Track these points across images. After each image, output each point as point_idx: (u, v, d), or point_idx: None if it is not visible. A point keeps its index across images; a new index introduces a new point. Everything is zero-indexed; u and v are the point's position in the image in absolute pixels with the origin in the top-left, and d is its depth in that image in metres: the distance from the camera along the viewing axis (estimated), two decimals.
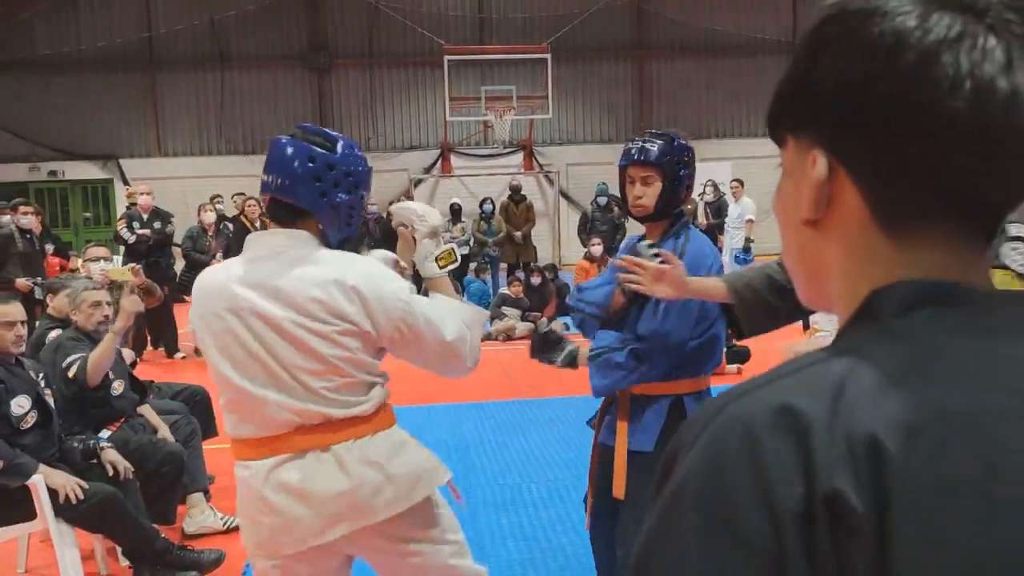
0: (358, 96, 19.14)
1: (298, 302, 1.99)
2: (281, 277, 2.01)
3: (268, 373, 2.01)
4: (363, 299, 2.00)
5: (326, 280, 1.99)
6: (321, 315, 1.99)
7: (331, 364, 2.00)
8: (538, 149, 19.11)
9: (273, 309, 2.00)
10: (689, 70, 19.52)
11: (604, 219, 12.53)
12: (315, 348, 1.99)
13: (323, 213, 2.08)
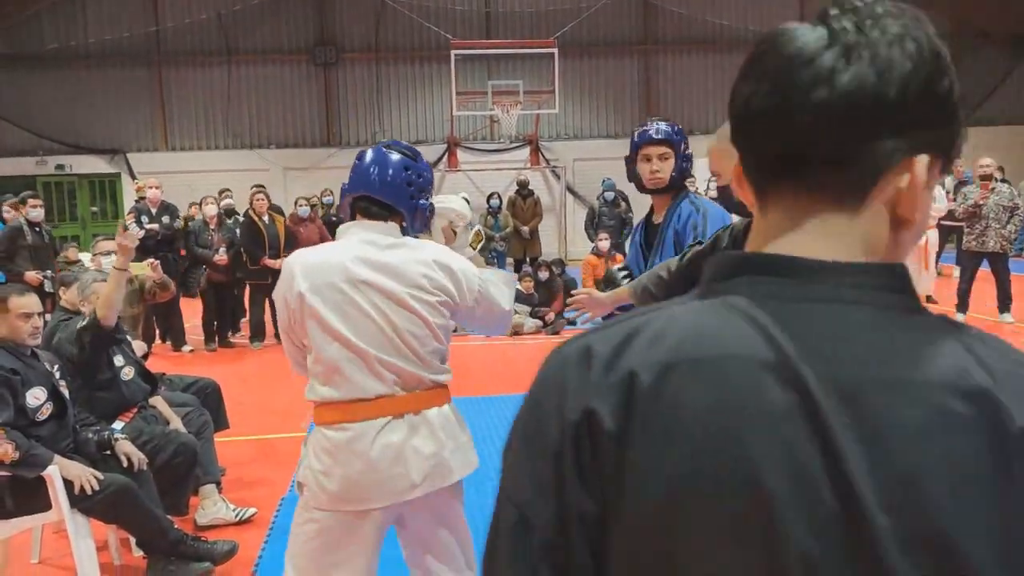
0: (364, 90, 19.13)
1: (410, 277, 2.38)
2: (390, 257, 2.40)
3: (384, 337, 2.36)
4: (454, 275, 2.43)
5: (427, 259, 2.41)
6: (429, 287, 2.39)
7: (434, 331, 2.42)
8: (544, 144, 19.09)
9: (389, 283, 2.37)
10: (695, 65, 19.48)
11: (611, 214, 12.52)
12: (425, 316, 2.39)
13: (410, 213, 2.51)
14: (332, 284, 2.37)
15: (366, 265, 2.38)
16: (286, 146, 18.94)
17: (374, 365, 2.35)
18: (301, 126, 19.10)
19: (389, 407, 2.38)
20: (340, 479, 2.37)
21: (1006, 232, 9.41)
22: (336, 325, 2.35)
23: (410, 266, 2.39)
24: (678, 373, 0.69)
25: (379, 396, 2.36)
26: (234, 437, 5.77)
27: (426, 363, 2.40)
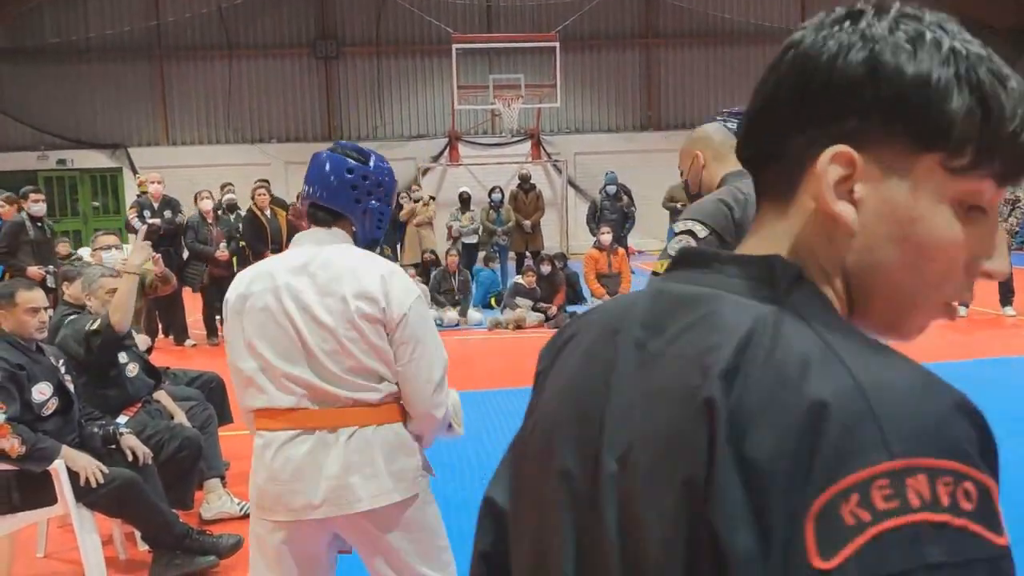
0: (366, 84, 19.12)
1: (331, 287, 2.24)
2: (318, 266, 2.28)
3: (295, 349, 2.24)
4: (387, 287, 2.25)
5: (358, 268, 2.27)
6: (350, 299, 2.22)
7: (345, 347, 2.22)
8: (546, 138, 19.08)
9: (307, 293, 2.24)
10: (697, 58, 19.45)
11: (613, 208, 12.51)
12: (335, 330, 2.22)
13: (357, 217, 2.39)
14: (257, 293, 2.30)
15: (291, 273, 2.29)
16: (287, 140, 18.93)
17: (280, 380, 2.26)
18: (302, 120, 19.09)
19: (300, 420, 2.25)
20: (252, 485, 2.33)
21: (1007, 225, 9.41)
22: (250, 335, 2.29)
23: (334, 273, 2.26)
24: (577, 331, 0.88)
25: (290, 408, 2.25)
26: (238, 431, 5.77)
27: (341, 380, 2.24)
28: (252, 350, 2.28)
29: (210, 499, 4.37)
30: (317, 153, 2.48)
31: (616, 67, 19.44)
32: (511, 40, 17.67)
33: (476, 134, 19.22)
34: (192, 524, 4.03)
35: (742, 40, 19.38)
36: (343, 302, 2.22)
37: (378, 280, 2.25)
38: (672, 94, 19.57)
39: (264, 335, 2.27)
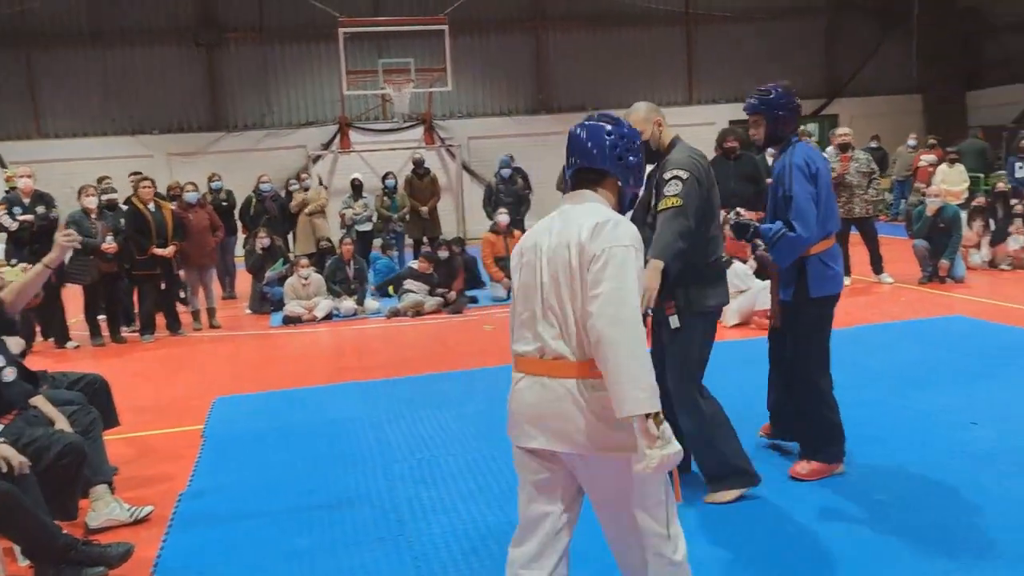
0: (251, 71, 18.55)
1: (569, 241, 2.51)
2: (561, 224, 2.58)
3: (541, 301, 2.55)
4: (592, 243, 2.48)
5: (588, 223, 2.49)
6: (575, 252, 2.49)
7: (571, 298, 2.50)
8: (439, 123, 18.94)
9: (554, 249, 2.54)
10: (586, 41, 19.62)
11: (508, 191, 12.51)
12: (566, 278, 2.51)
13: (621, 172, 2.66)
14: (522, 249, 2.66)
15: (547, 233, 2.59)
16: (170, 131, 18.21)
17: (532, 328, 2.57)
18: (185, 110, 18.38)
19: (533, 367, 2.54)
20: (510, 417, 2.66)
21: (868, 196, 9.85)
22: (515, 287, 2.65)
23: (572, 229, 2.51)
24: None
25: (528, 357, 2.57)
26: (128, 434, 5.55)
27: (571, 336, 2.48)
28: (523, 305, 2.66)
29: (97, 507, 4.17)
30: (575, 126, 2.71)
31: (507, 50, 19.42)
32: (400, 24, 17.43)
33: (367, 120, 18.91)
34: (78, 535, 3.83)
35: (629, 22, 19.64)
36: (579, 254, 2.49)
37: (594, 228, 2.47)
38: (563, 77, 19.68)
39: (529, 292, 2.65)
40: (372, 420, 5.78)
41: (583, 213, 2.53)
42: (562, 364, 2.49)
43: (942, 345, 7.04)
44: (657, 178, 3.98)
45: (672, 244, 3.78)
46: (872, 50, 20.53)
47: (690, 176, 3.84)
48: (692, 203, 3.83)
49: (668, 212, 3.81)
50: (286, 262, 10.78)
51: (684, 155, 3.96)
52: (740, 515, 3.95)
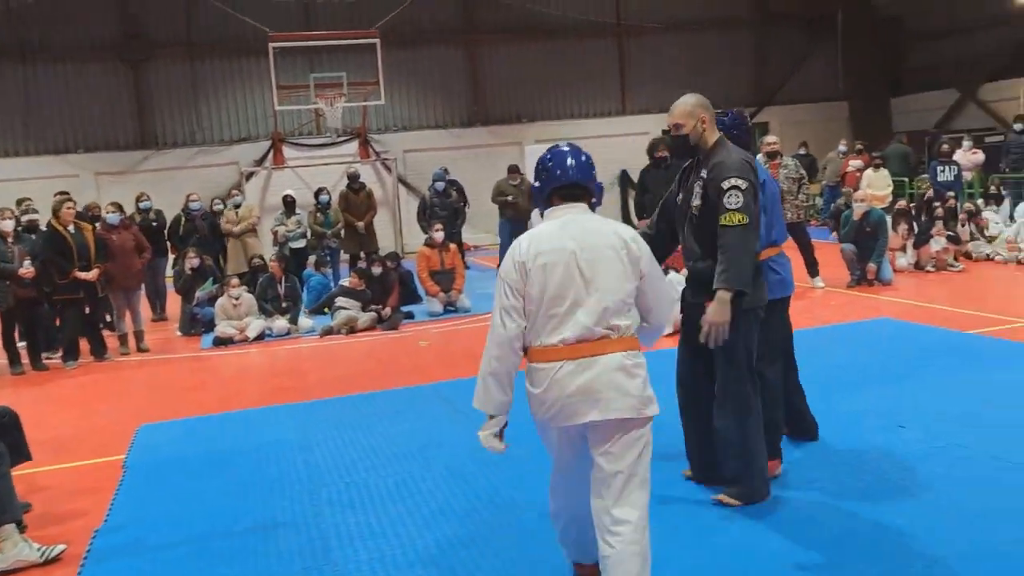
0: (180, 87, 18.17)
1: (614, 242, 3.05)
2: (590, 229, 3.08)
3: (590, 294, 2.98)
4: (641, 249, 3.10)
5: (625, 231, 3.12)
6: (620, 251, 3.04)
7: (625, 287, 3.04)
8: (374, 136, 18.78)
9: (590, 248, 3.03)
10: (520, 53, 19.66)
11: (443, 204, 12.45)
12: (620, 272, 3.02)
13: (595, 189, 3.22)
14: (548, 253, 3.02)
15: (568, 239, 3.05)
16: (96, 149, 17.71)
17: (576, 318, 3.03)
18: (112, 128, 17.91)
19: (581, 351, 3.01)
20: (546, 406, 3.08)
21: (798, 202, 10.03)
22: (553, 286, 3.03)
23: (605, 234, 3.08)
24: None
25: (574, 344, 3.01)
26: (43, 468, 5.33)
27: (613, 316, 3.04)
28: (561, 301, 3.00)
29: (4, 547, 3.97)
30: (552, 148, 3.25)
31: (440, 63, 19.37)
32: (331, 38, 17.24)
33: (301, 135, 18.67)
34: None
35: (561, 34, 19.75)
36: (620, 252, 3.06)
37: (627, 239, 3.08)
38: (497, 89, 19.69)
39: (571, 287, 3.00)
40: (301, 443, 5.65)
41: (599, 221, 3.13)
42: (606, 343, 2.96)
43: (870, 348, 7.16)
44: (705, 179, 3.93)
45: (747, 270, 3.81)
46: (799, 59, 20.98)
47: (748, 185, 3.84)
48: (753, 214, 3.86)
49: (736, 231, 3.79)
50: (216, 282, 10.54)
51: (737, 159, 3.92)
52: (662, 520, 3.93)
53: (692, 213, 4.02)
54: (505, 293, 3.02)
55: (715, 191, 3.87)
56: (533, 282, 2.98)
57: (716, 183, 3.87)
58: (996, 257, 11.38)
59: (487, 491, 4.52)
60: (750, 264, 3.85)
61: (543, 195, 3.19)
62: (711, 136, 4.02)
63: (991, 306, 8.71)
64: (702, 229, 3.97)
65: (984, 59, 18.35)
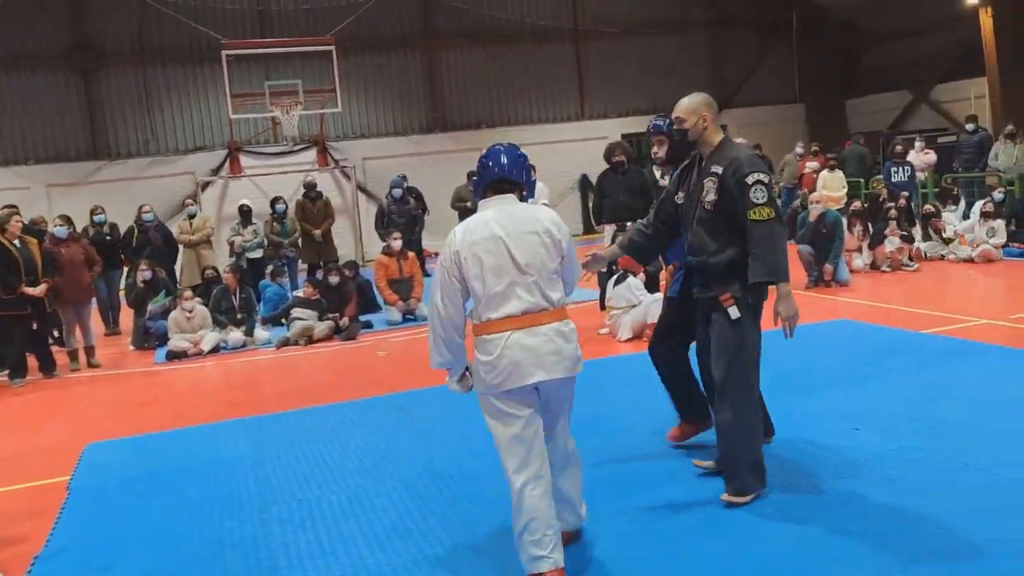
0: (132, 97, 17.87)
1: (536, 228, 3.49)
2: (517, 217, 3.50)
3: (522, 274, 3.43)
4: (562, 233, 3.57)
5: (547, 218, 3.57)
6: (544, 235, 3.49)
7: (549, 267, 3.48)
8: (332, 144, 18.62)
9: (517, 234, 3.46)
10: (478, 58, 19.63)
11: (401, 212, 12.33)
12: (544, 254, 3.46)
13: (527, 184, 3.67)
14: (478, 241, 3.48)
15: (496, 225, 3.48)
16: (47, 161, 17.35)
17: (511, 295, 3.46)
18: (63, 138, 17.55)
19: (523, 322, 3.45)
20: (493, 372, 3.47)
21: None
22: (487, 272, 3.46)
23: (531, 220, 3.51)
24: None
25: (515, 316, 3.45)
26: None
27: (545, 290, 3.50)
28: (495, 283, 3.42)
29: None
30: (491, 147, 3.67)
31: (398, 69, 19.25)
32: (286, 45, 17.06)
33: (258, 144, 18.45)
34: None
35: (519, 39, 19.74)
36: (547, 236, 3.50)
37: (551, 223, 3.54)
38: (456, 95, 19.62)
39: (503, 270, 3.42)
40: (254, 459, 5.52)
41: (525, 209, 3.55)
42: (544, 314, 3.42)
43: (827, 349, 7.18)
44: (720, 175, 4.03)
45: (784, 261, 3.97)
46: (755, 63, 21.18)
47: (770, 179, 4.03)
48: (778, 207, 4.01)
49: (767, 225, 3.93)
50: (169, 294, 10.33)
51: (752, 155, 4.10)
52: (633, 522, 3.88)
53: (705, 208, 4.10)
54: (445, 279, 3.45)
55: (738, 186, 3.97)
56: (470, 268, 3.41)
57: (739, 178, 3.98)
58: (949, 256, 11.53)
59: (441, 507, 4.43)
60: (783, 255, 3.98)
61: (479, 188, 3.62)
62: (714, 135, 4.15)
63: (946, 305, 8.80)
64: (716, 224, 4.07)
65: (935, 61, 18.66)
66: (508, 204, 3.53)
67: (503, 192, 3.56)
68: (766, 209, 3.91)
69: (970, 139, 14.88)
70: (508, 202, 3.54)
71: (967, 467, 4.32)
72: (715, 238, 4.08)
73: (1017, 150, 13.76)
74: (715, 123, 4.16)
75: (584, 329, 8.58)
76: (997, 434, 4.76)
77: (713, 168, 4.08)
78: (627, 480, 4.54)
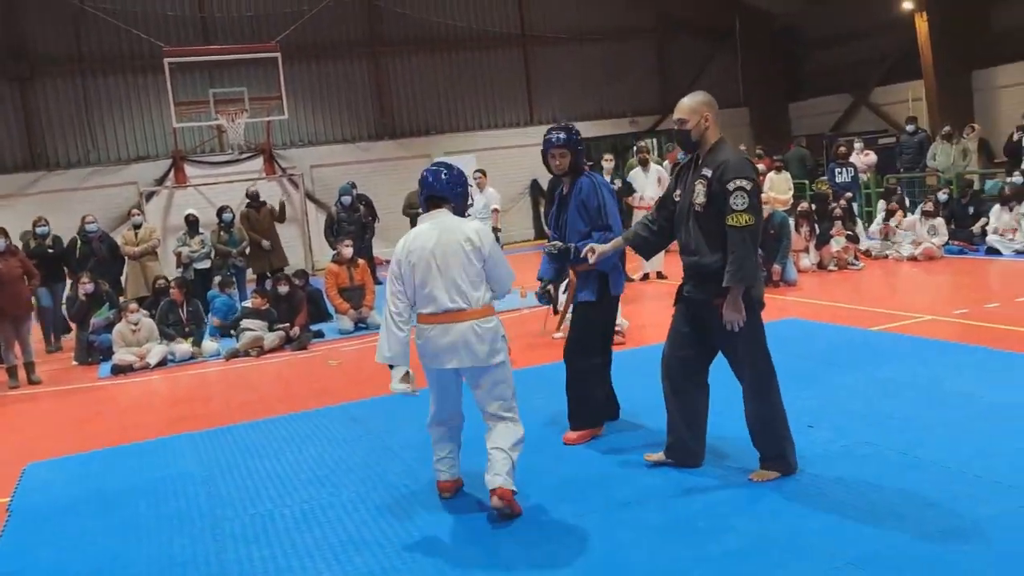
0: (71, 106, 17.42)
1: (460, 237, 4.14)
2: (445, 227, 4.17)
3: (444, 279, 4.11)
4: (482, 240, 4.17)
5: (470, 228, 4.19)
6: (465, 244, 4.13)
7: (470, 271, 4.13)
8: (279, 152, 18.37)
9: (443, 244, 4.14)
10: (427, 65, 19.55)
11: (351, 219, 12.21)
12: (465, 260, 4.11)
13: (458, 200, 4.29)
14: (415, 250, 4.18)
15: (428, 239, 4.17)
16: None
17: (434, 297, 4.16)
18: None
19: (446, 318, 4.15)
20: (422, 354, 4.31)
21: None
22: (418, 277, 4.18)
23: (456, 233, 4.15)
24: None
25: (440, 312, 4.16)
26: None
27: (468, 295, 4.15)
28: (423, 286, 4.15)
29: None
30: (433, 164, 4.38)
31: (345, 76, 19.08)
32: (229, 52, 16.80)
33: (203, 152, 18.12)
34: None
35: (467, 45, 19.72)
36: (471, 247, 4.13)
37: (477, 235, 4.14)
38: (404, 101, 19.51)
39: (430, 276, 4.13)
40: (204, 474, 5.38)
41: (455, 221, 4.20)
42: (461, 313, 4.09)
43: (778, 348, 7.13)
44: (710, 178, 4.10)
45: (754, 268, 4.09)
46: (701, 67, 21.44)
47: (753, 185, 4.04)
48: (758, 216, 4.07)
49: (744, 231, 4.00)
50: (112, 307, 10.06)
51: (741, 159, 4.14)
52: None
53: (696, 210, 4.19)
54: (392, 281, 4.22)
55: (722, 191, 4.05)
56: (407, 273, 4.15)
57: (723, 183, 4.04)
58: (892, 255, 11.76)
59: (397, 517, 4.36)
60: (755, 261, 4.10)
61: (420, 201, 4.31)
62: (713, 135, 4.20)
63: (892, 303, 8.97)
64: (708, 225, 4.15)
65: (874, 65, 19.08)
66: (441, 216, 4.20)
67: (438, 206, 4.22)
68: (744, 215, 3.97)
69: (911, 140, 15.22)
70: (441, 215, 4.20)
71: (920, 462, 4.38)
72: (707, 239, 4.16)
73: (954, 150, 14.11)
74: (716, 123, 4.20)
75: (532, 334, 8.59)
76: (946, 428, 4.84)
77: (704, 171, 4.15)
78: (579, 480, 4.51)
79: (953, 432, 4.76)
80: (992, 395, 5.34)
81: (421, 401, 4.49)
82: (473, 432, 4.49)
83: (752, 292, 4.14)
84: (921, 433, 4.78)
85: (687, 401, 4.46)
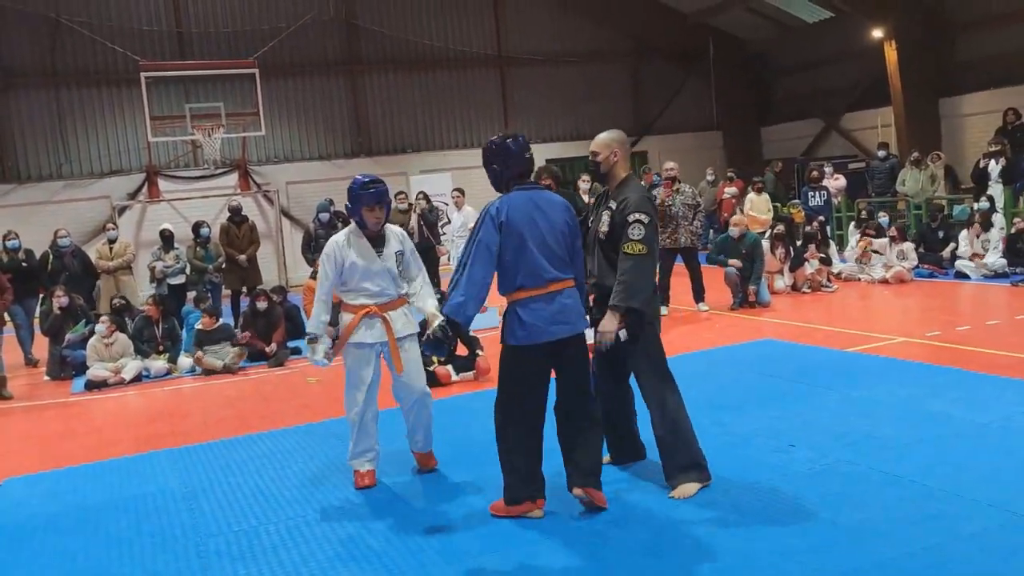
0: (44, 119, 17.25)
1: None
2: None
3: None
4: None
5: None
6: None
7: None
8: (254, 168, 18.31)
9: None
10: (404, 84, 19.62)
11: (328, 236, 12.07)
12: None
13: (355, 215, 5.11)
14: None
15: None
16: None
17: None
18: None
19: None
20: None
21: (693, 228, 10.31)
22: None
23: None
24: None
25: None
26: None
27: None
28: None
29: None
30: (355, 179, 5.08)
31: (322, 93, 19.09)
32: (206, 67, 16.76)
33: (178, 167, 18.01)
34: None
35: (444, 65, 19.82)
36: None
37: None
38: (381, 120, 19.55)
39: None
40: (184, 491, 5.34)
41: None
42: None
43: (755, 369, 7.34)
44: (613, 211, 4.45)
45: (644, 290, 4.35)
46: (675, 91, 21.72)
47: (650, 220, 4.38)
48: (654, 245, 4.39)
49: (636, 259, 4.33)
50: (88, 322, 9.95)
51: (640, 195, 4.43)
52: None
53: (600, 238, 4.54)
54: (326, 273, 4.98)
55: (622, 223, 4.39)
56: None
57: (624, 216, 4.39)
58: (864, 278, 11.95)
59: (383, 532, 4.36)
60: (645, 286, 4.38)
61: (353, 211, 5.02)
62: (621, 170, 4.55)
63: (865, 324, 9.11)
64: (609, 253, 4.49)
65: (844, 91, 19.44)
66: None
67: None
68: (639, 245, 4.31)
69: (882, 165, 15.51)
70: None
71: (900, 480, 4.46)
72: (609, 264, 4.49)
73: (922, 175, 14.40)
74: (625, 160, 4.56)
75: None
76: (923, 446, 4.93)
77: (610, 203, 4.51)
78: None
79: (931, 451, 4.85)
80: (967, 415, 5.45)
81: (402, 418, 5.00)
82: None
83: (644, 312, 4.38)
84: (900, 452, 4.87)
85: (616, 398, 4.79)
